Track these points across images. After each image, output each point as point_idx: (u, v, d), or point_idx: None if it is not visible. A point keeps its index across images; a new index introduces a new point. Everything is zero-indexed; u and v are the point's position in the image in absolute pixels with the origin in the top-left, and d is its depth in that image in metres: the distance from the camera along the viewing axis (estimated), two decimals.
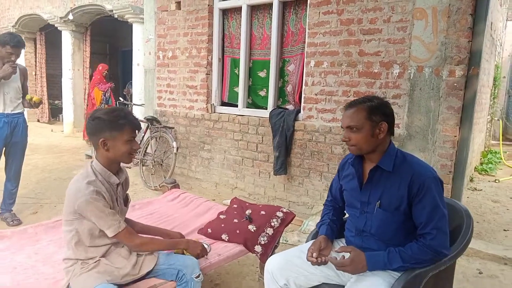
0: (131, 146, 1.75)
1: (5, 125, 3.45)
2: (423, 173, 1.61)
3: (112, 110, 1.75)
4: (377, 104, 1.67)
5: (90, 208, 1.64)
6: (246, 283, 2.72)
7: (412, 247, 1.59)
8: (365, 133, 1.64)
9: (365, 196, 1.73)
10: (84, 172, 1.75)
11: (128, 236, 1.76)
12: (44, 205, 4.19)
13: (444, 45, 3.08)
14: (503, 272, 2.93)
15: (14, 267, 1.99)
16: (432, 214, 1.57)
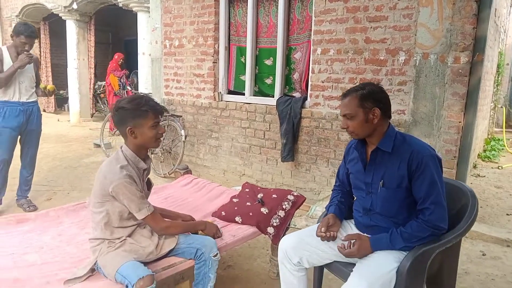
0: (157, 130, 1.83)
1: (21, 113, 3.53)
2: (421, 151, 1.70)
3: (133, 99, 1.82)
4: (369, 91, 1.76)
5: (124, 191, 1.73)
6: (257, 264, 2.83)
7: (412, 225, 1.68)
8: (359, 119, 1.75)
9: (369, 177, 1.84)
10: (115, 157, 1.84)
11: (156, 220, 1.85)
12: (57, 192, 4.30)
13: (449, 31, 3.13)
14: (505, 254, 3.03)
15: (41, 247, 2.10)
16: (430, 189, 1.66)
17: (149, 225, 1.89)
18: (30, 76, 3.57)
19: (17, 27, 3.42)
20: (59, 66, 10.61)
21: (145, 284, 1.61)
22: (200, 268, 1.92)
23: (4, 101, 3.45)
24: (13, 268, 1.88)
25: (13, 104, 3.48)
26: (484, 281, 2.61)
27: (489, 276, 2.68)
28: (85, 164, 5.59)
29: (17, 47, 3.43)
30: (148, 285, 1.62)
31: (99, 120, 9.10)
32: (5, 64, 3.38)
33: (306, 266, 1.91)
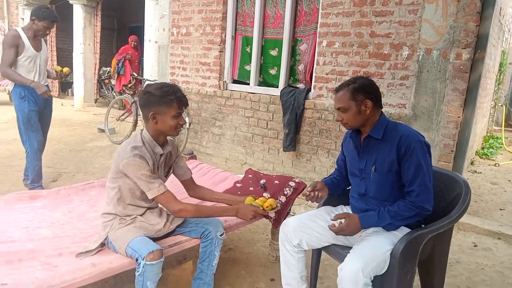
0: (178, 121, 1.87)
1: (39, 97, 3.49)
2: (410, 136, 1.80)
3: (162, 86, 1.86)
4: (359, 84, 1.86)
5: (132, 169, 1.80)
6: (257, 248, 2.93)
7: (399, 205, 1.79)
8: (352, 111, 1.86)
9: (362, 163, 1.96)
10: (133, 138, 1.92)
11: (169, 200, 1.85)
12: (63, 174, 4.40)
13: (453, 28, 3.20)
14: (496, 245, 3.14)
15: (53, 222, 2.20)
16: (416, 172, 1.77)
17: (163, 206, 1.90)
18: (45, 59, 3.59)
19: (40, 11, 3.35)
20: (63, 51, 10.65)
21: (155, 257, 1.70)
22: (206, 247, 2.01)
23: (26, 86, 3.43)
24: (27, 240, 1.99)
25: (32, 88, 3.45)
26: (474, 270, 2.72)
27: (479, 265, 2.79)
28: (89, 148, 5.68)
29: (37, 31, 3.39)
30: (157, 259, 1.71)
31: (103, 105, 9.17)
32: (23, 47, 3.34)
33: (306, 248, 2.01)
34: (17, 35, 3.35)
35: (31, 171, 3.57)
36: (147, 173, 1.81)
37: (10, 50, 3.31)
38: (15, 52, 3.33)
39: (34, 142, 3.53)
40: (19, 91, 3.42)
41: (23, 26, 3.51)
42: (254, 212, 1.95)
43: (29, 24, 3.43)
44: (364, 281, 1.62)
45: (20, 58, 3.37)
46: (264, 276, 2.52)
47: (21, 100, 3.43)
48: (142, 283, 1.70)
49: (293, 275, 2.01)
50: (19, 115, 3.47)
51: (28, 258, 1.80)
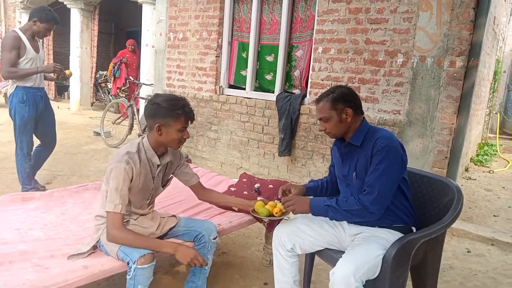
0: (182, 135, 1.85)
1: (40, 99, 3.52)
2: (384, 141, 1.81)
3: (171, 99, 1.84)
4: (338, 93, 1.89)
5: (113, 173, 1.78)
6: (251, 252, 2.93)
7: (349, 198, 1.83)
8: (334, 121, 1.89)
9: (345, 170, 1.98)
10: (131, 143, 1.91)
11: (114, 222, 1.76)
12: (57, 177, 4.38)
13: (447, 36, 3.24)
14: (489, 251, 3.15)
15: (45, 224, 2.19)
16: (373, 174, 1.79)
17: (107, 222, 1.79)
18: (43, 60, 3.58)
19: (43, 13, 3.34)
20: (60, 54, 10.64)
21: (146, 261, 1.70)
22: (199, 250, 2.01)
23: (27, 87, 3.41)
24: (19, 242, 1.97)
25: (35, 90, 3.47)
26: (467, 276, 2.73)
27: (472, 271, 2.80)
28: (84, 151, 5.67)
29: (37, 32, 3.36)
30: (148, 263, 1.70)
31: (99, 109, 9.16)
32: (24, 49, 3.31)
33: (299, 252, 2.02)
34: (18, 36, 3.30)
35: (21, 173, 3.56)
36: (119, 186, 1.76)
37: (12, 52, 3.26)
38: (16, 54, 3.29)
39: (25, 146, 3.52)
40: (20, 95, 3.39)
41: (20, 27, 3.46)
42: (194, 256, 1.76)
43: (28, 25, 3.38)
44: (355, 285, 1.62)
45: (22, 60, 3.33)
46: (257, 280, 2.52)
47: (22, 104, 3.40)
48: (133, 287, 1.69)
49: (286, 279, 2.01)
50: (17, 119, 3.44)
51: (20, 259, 1.79)
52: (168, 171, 2.06)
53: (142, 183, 1.88)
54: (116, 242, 1.77)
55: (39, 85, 3.52)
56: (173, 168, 2.09)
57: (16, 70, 3.29)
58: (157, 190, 2.03)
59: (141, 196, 1.92)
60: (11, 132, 3.64)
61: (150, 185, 1.94)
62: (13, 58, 3.27)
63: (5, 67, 3.28)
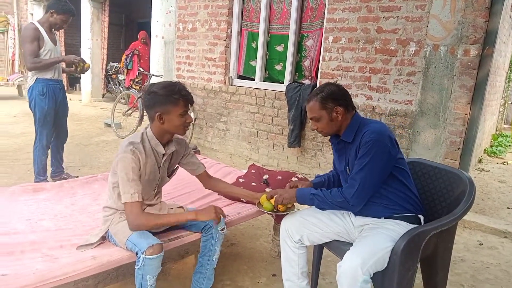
0: (185, 119, 1.83)
1: (59, 92, 3.55)
2: (371, 134, 1.79)
3: (167, 85, 1.81)
4: (327, 92, 1.88)
5: (120, 165, 1.78)
6: (259, 244, 2.93)
7: (333, 189, 1.87)
8: (325, 120, 1.89)
9: (342, 166, 1.99)
10: (135, 134, 1.89)
11: (134, 211, 1.75)
12: (68, 168, 4.42)
13: (461, 24, 3.15)
14: (502, 244, 3.10)
15: (55, 215, 2.21)
16: (356, 167, 1.80)
17: (127, 214, 1.78)
18: (59, 51, 3.59)
19: (60, 4, 3.36)
20: (71, 46, 10.71)
21: (154, 251, 1.70)
22: (207, 241, 2.01)
23: (47, 79, 3.44)
24: (29, 232, 2.00)
25: (54, 82, 3.50)
26: (479, 269, 2.68)
27: (484, 264, 2.76)
28: (96, 142, 5.72)
29: (54, 24, 3.38)
30: (157, 253, 1.70)
31: (110, 100, 9.22)
32: (43, 41, 3.33)
33: (307, 243, 2.00)
34: (37, 28, 3.33)
35: (37, 164, 3.60)
36: (130, 176, 1.76)
37: (33, 43, 3.28)
38: (37, 45, 3.31)
39: (44, 138, 3.56)
40: (40, 88, 3.42)
41: (38, 20, 3.48)
42: (214, 210, 1.84)
43: (45, 18, 3.41)
44: (363, 278, 1.60)
45: (41, 52, 3.36)
46: (266, 271, 2.52)
47: (42, 96, 3.43)
48: (142, 276, 1.70)
49: (294, 271, 2.01)
50: (37, 112, 3.47)
51: (30, 249, 1.82)
52: (174, 161, 2.05)
53: (148, 173, 1.87)
54: (141, 229, 1.77)
55: (58, 77, 3.56)
56: (178, 158, 2.08)
57: (40, 60, 3.32)
58: (163, 180, 2.02)
59: (148, 187, 1.91)
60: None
61: (156, 175, 1.93)
62: (36, 49, 3.30)
63: (30, 58, 3.30)
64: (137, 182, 1.78)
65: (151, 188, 1.95)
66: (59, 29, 3.51)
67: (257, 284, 2.37)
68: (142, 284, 1.72)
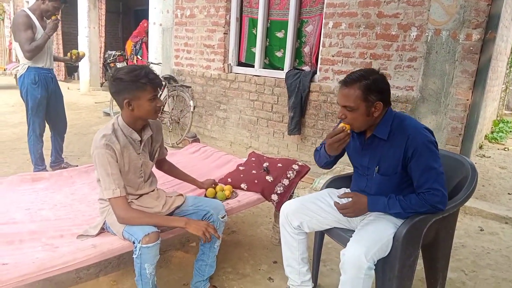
0: (155, 103, 1.77)
1: (51, 80, 3.51)
2: (417, 137, 1.67)
3: (132, 69, 1.74)
4: (373, 81, 1.66)
5: (96, 161, 1.74)
6: (260, 231, 2.93)
7: (411, 199, 1.69)
8: (360, 113, 1.68)
9: (365, 161, 1.85)
10: (106, 125, 1.83)
11: (119, 206, 1.74)
12: (67, 157, 4.40)
13: (463, 8, 3.10)
14: (503, 230, 3.10)
15: (55, 204, 2.20)
16: (427, 176, 1.65)
17: (112, 209, 1.77)
18: (52, 40, 3.54)
19: None
20: (69, 34, 10.61)
21: (150, 240, 1.67)
22: None
23: (39, 68, 3.39)
24: (29, 222, 1.99)
25: (46, 71, 3.46)
26: (480, 254, 2.69)
27: (485, 249, 2.76)
28: (95, 131, 5.61)
29: (45, 11, 3.32)
30: (153, 241, 1.68)
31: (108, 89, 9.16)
32: (35, 29, 3.28)
33: (306, 230, 1.99)
34: (28, 15, 3.28)
35: (33, 154, 3.59)
36: (108, 171, 1.73)
37: (27, 31, 3.23)
38: (32, 32, 3.26)
39: (37, 128, 3.53)
40: (32, 76, 3.38)
41: (29, 7, 3.41)
42: (205, 228, 1.78)
43: (37, 4, 3.34)
44: (367, 265, 1.59)
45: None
46: (267, 258, 2.52)
47: (34, 85, 3.39)
48: (140, 265, 1.69)
49: (294, 256, 2.00)
50: (30, 101, 3.43)
51: (30, 239, 1.81)
52: (154, 144, 2.01)
53: (128, 163, 1.83)
54: (127, 224, 1.76)
55: (50, 66, 3.52)
56: (158, 140, 2.04)
57: (36, 44, 3.25)
58: (147, 165, 1.97)
59: (133, 176, 1.87)
60: (23, 113, 3.66)
61: (138, 162, 1.88)
62: (31, 36, 3.24)
63: (26, 47, 3.25)
64: (117, 176, 1.75)
65: (137, 176, 1.90)
66: (50, 17, 3.42)
67: (258, 271, 2.38)
68: (141, 272, 1.71)
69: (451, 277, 2.34)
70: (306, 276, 2.03)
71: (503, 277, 2.43)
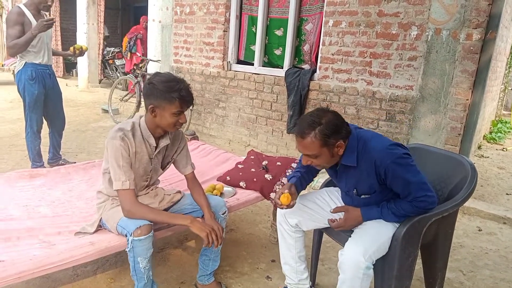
0: (178, 119, 1.75)
1: (48, 77, 3.48)
2: (383, 160, 1.63)
3: (168, 80, 1.73)
4: (326, 125, 1.58)
5: (109, 150, 1.74)
6: (259, 229, 2.92)
7: (403, 206, 1.68)
8: (324, 156, 1.65)
9: (342, 185, 1.86)
10: (126, 121, 1.84)
11: (127, 198, 1.74)
12: (66, 154, 4.39)
13: (464, 7, 3.09)
14: (501, 230, 3.10)
15: (52, 201, 2.19)
16: (408, 189, 1.64)
17: (120, 201, 1.76)
18: (50, 36, 3.51)
19: None
20: (67, 31, 10.57)
21: (142, 232, 1.66)
22: None
23: (36, 64, 3.37)
24: (26, 218, 1.98)
25: (43, 67, 3.43)
26: (478, 254, 2.69)
27: (483, 250, 2.76)
28: (93, 128, 5.67)
29: (38, 3, 3.29)
30: (145, 234, 1.67)
31: (107, 86, 9.13)
32: (29, 25, 3.23)
33: (304, 229, 1.98)
34: (21, 12, 3.24)
35: (31, 151, 3.56)
36: (120, 162, 1.73)
37: (14, 28, 3.19)
38: (20, 30, 3.21)
39: (35, 124, 3.50)
40: (29, 72, 3.35)
41: (24, 3, 3.37)
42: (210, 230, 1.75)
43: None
44: (365, 264, 1.59)
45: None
46: (265, 257, 2.51)
47: (32, 81, 3.37)
48: (134, 259, 1.68)
49: (291, 254, 2.00)
50: (27, 97, 3.41)
51: (27, 236, 1.80)
52: (168, 153, 1.99)
53: (138, 164, 1.83)
54: (132, 217, 1.73)
55: (48, 62, 3.49)
56: (173, 150, 2.01)
57: (15, 42, 3.19)
58: (157, 172, 1.97)
59: (139, 177, 1.87)
60: (21, 109, 3.63)
61: (148, 166, 1.88)
62: (16, 33, 3.19)
63: (7, 43, 3.22)
64: (128, 169, 1.75)
65: (142, 179, 1.90)
66: (47, 10, 3.40)
67: (256, 270, 2.37)
68: (135, 267, 1.71)
69: (449, 277, 2.34)
70: (303, 275, 2.03)
71: (501, 277, 2.43)
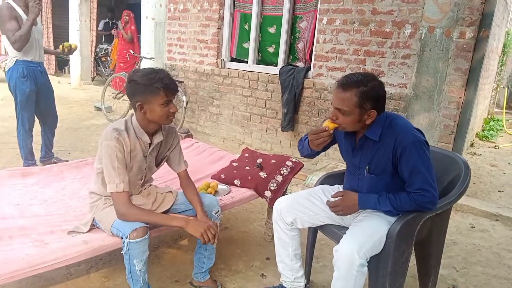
0: (168, 109, 1.73)
1: (40, 75, 3.44)
2: (405, 137, 1.66)
3: (147, 73, 1.71)
4: (371, 88, 1.63)
5: (104, 152, 1.73)
6: (253, 227, 2.92)
7: (401, 197, 1.68)
8: (353, 118, 1.66)
9: (356, 160, 1.85)
10: (120, 120, 1.82)
11: (121, 201, 1.72)
12: (58, 152, 4.35)
13: (457, 6, 3.11)
14: (494, 227, 3.13)
15: (45, 200, 2.17)
16: (416, 177, 1.65)
17: (114, 203, 1.75)
18: (41, 32, 3.46)
19: None
20: (59, 28, 10.44)
21: (138, 235, 1.65)
22: None
23: (28, 61, 3.33)
24: (19, 217, 1.96)
25: (35, 65, 3.39)
26: (471, 251, 2.71)
27: (476, 246, 2.79)
28: (86, 126, 5.63)
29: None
30: (141, 236, 1.65)
31: (100, 84, 9.06)
32: (20, 21, 3.19)
33: (299, 226, 1.98)
34: (12, 7, 3.19)
35: (23, 149, 3.53)
36: (114, 164, 1.71)
37: (11, 22, 3.14)
38: (16, 23, 3.16)
39: (27, 122, 3.47)
40: (21, 70, 3.31)
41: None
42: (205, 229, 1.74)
43: None
44: (360, 261, 1.59)
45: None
46: (259, 255, 2.51)
47: (23, 79, 3.33)
48: (129, 261, 1.67)
49: (287, 252, 2.00)
50: (18, 94, 3.36)
51: (19, 235, 1.78)
52: (162, 150, 1.98)
53: (133, 163, 1.81)
54: (126, 220, 1.72)
55: (39, 59, 3.45)
56: (167, 147, 2.00)
57: (19, 34, 3.15)
58: (151, 170, 1.96)
59: (134, 176, 1.85)
60: (12, 107, 3.58)
61: (142, 164, 1.86)
62: (15, 27, 3.14)
63: (11, 38, 3.16)
64: (122, 171, 1.74)
65: (137, 178, 1.89)
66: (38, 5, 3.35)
67: (251, 268, 2.37)
68: (131, 269, 1.69)
69: (442, 273, 2.36)
70: (299, 273, 2.03)
71: (493, 273, 2.45)
